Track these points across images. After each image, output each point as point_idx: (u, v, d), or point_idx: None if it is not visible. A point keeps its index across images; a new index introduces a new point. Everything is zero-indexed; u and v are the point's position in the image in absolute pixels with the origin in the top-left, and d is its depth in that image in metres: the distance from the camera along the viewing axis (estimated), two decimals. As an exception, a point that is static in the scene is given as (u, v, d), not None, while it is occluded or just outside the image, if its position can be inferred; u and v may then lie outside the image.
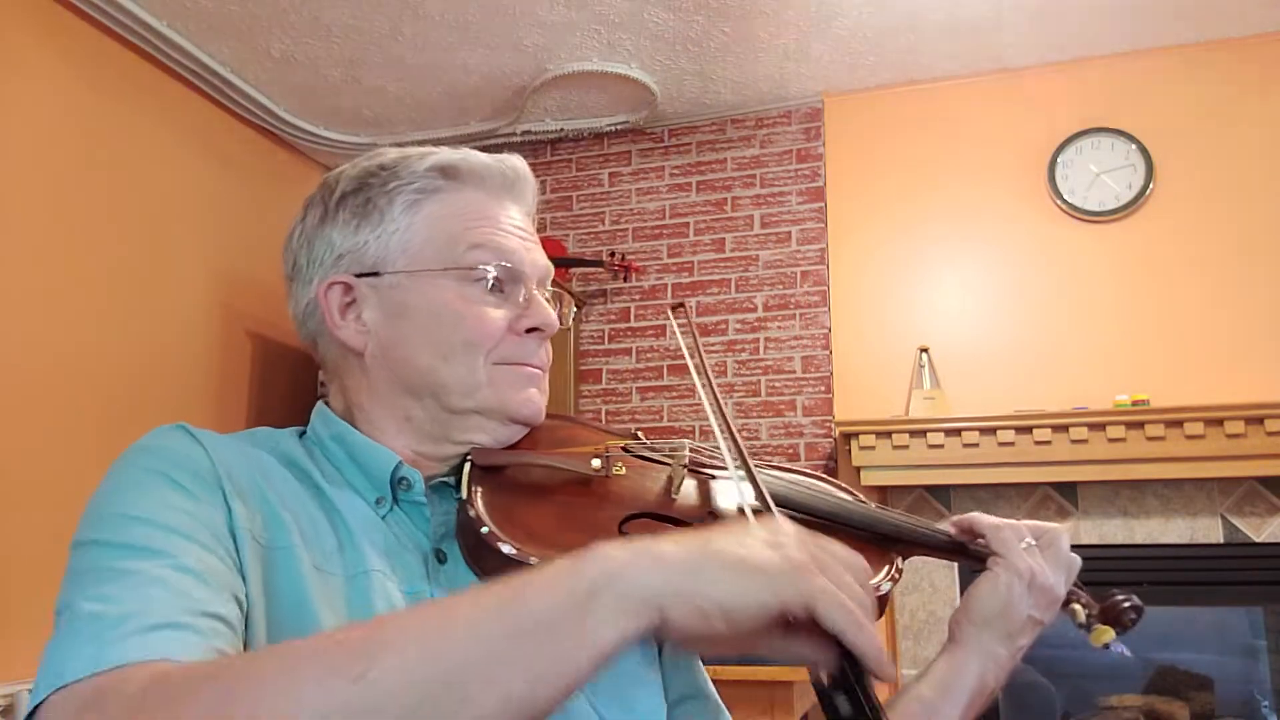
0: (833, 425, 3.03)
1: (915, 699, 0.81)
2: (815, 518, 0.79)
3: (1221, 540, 2.64)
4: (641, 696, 0.75)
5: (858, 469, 2.84)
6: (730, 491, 0.78)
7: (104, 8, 2.60)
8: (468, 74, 3.09)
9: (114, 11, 2.62)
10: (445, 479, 0.77)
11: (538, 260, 0.81)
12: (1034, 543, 0.83)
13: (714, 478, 0.81)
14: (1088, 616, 0.86)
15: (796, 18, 2.79)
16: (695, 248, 3.32)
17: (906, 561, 0.82)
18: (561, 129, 3.41)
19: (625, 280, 3.36)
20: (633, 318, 3.34)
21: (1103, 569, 2.71)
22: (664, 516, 0.75)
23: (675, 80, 3.14)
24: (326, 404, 0.82)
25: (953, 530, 0.86)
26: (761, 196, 3.29)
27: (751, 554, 0.51)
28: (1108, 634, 0.86)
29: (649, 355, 3.30)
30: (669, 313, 0.83)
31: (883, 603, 0.75)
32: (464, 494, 0.72)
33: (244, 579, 0.63)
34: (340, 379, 0.81)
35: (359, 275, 0.78)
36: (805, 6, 2.73)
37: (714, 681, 0.87)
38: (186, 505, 0.63)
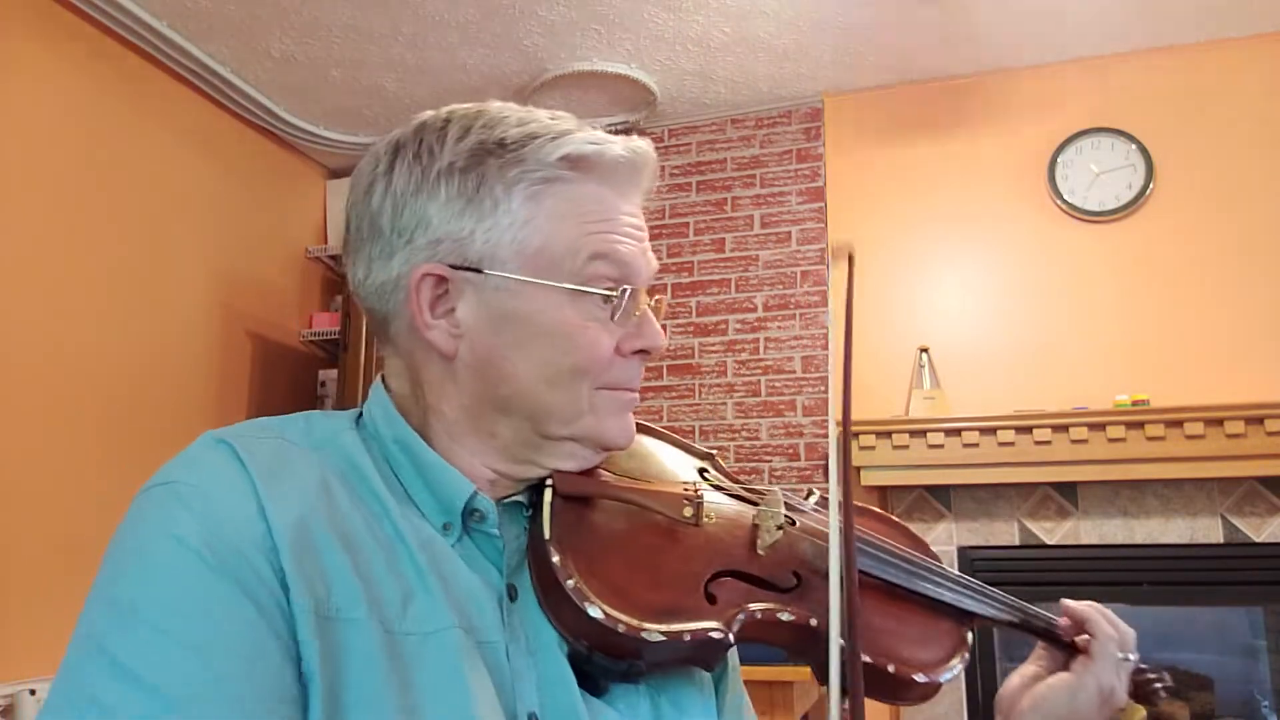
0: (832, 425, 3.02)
1: None
2: (901, 588, 0.77)
3: (1221, 540, 2.64)
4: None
5: (858, 469, 2.85)
6: (818, 551, 0.74)
7: (104, 8, 2.60)
8: (468, 74, 3.09)
9: (114, 11, 2.62)
10: (518, 498, 0.70)
11: (651, 264, 0.72)
12: (1131, 659, 0.80)
13: (795, 524, 0.77)
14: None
15: (796, 18, 2.79)
16: (695, 248, 3.32)
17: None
18: (561, 129, 3.41)
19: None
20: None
21: (1103, 569, 2.72)
22: (750, 576, 0.71)
23: (675, 80, 3.14)
24: (386, 386, 0.72)
25: (1061, 622, 0.83)
26: (761, 196, 3.29)
27: None
28: (1140, 712, 0.85)
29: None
30: (830, 259, 0.75)
31: (940, 687, 0.73)
32: (545, 532, 0.66)
33: (305, 682, 0.55)
34: (415, 372, 0.70)
35: (457, 267, 0.67)
36: (805, 6, 2.73)
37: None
38: (223, 609, 0.53)
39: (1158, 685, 0.85)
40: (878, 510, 0.89)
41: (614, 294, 0.68)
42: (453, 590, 0.62)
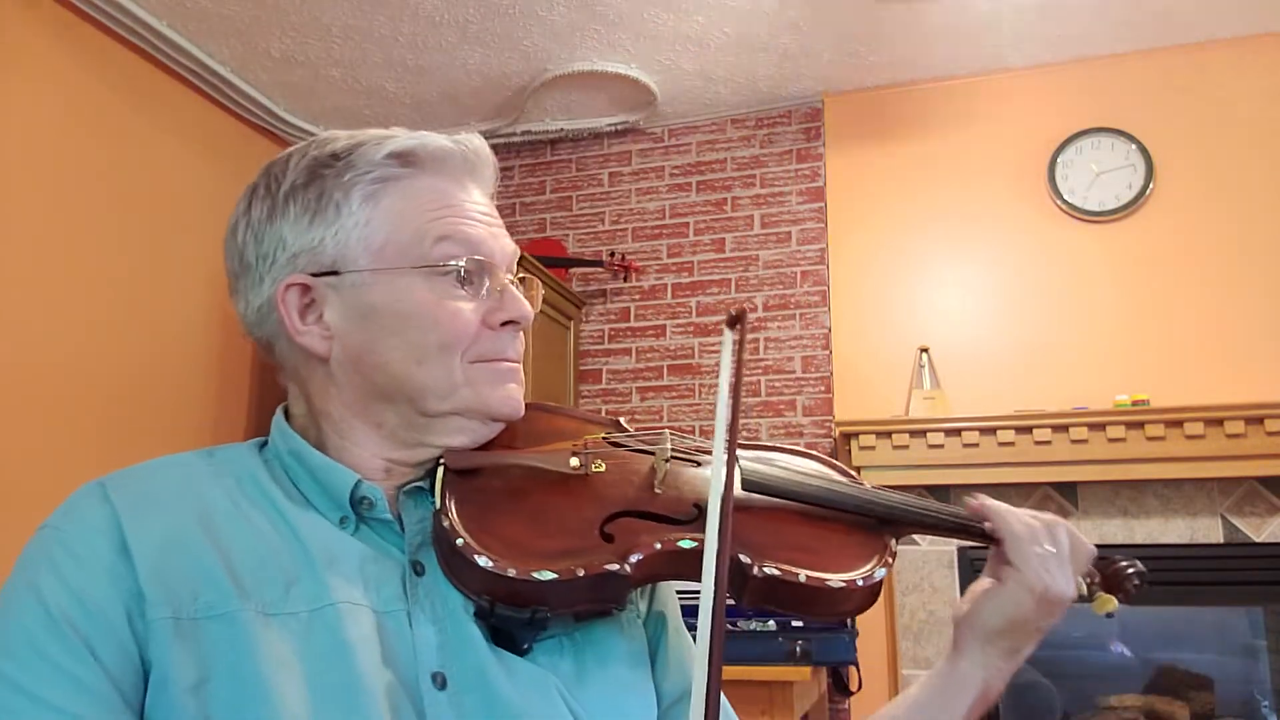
0: (833, 425, 3.03)
1: (916, 708, 0.79)
2: (803, 503, 0.77)
3: (1221, 540, 2.64)
4: (632, 702, 0.72)
5: (858, 469, 2.84)
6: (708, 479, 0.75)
7: (104, 8, 2.60)
8: (468, 74, 3.09)
9: (114, 11, 2.62)
10: (420, 483, 0.73)
11: (506, 246, 0.76)
12: (1051, 551, 0.77)
13: (699, 465, 0.78)
14: (1089, 586, 0.82)
15: (797, 18, 2.79)
16: (695, 248, 3.32)
17: (900, 545, 0.79)
18: (561, 129, 3.41)
19: (625, 280, 3.36)
20: (633, 318, 3.34)
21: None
22: (647, 514, 0.73)
23: (675, 80, 3.14)
24: (287, 412, 0.77)
25: (965, 512, 0.81)
26: (761, 196, 3.29)
27: None
28: (1110, 603, 0.82)
29: (649, 355, 3.30)
30: (725, 328, 0.78)
31: (876, 590, 0.73)
32: (437, 503, 0.69)
33: (143, 677, 0.61)
34: (303, 385, 0.75)
35: (317, 275, 0.72)
36: (805, 6, 2.73)
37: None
38: (53, 649, 0.59)
39: (1129, 571, 0.82)
40: (811, 452, 0.88)
41: (461, 265, 0.72)
42: (347, 573, 0.66)
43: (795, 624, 2.30)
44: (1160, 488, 2.70)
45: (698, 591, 0.67)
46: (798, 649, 2.19)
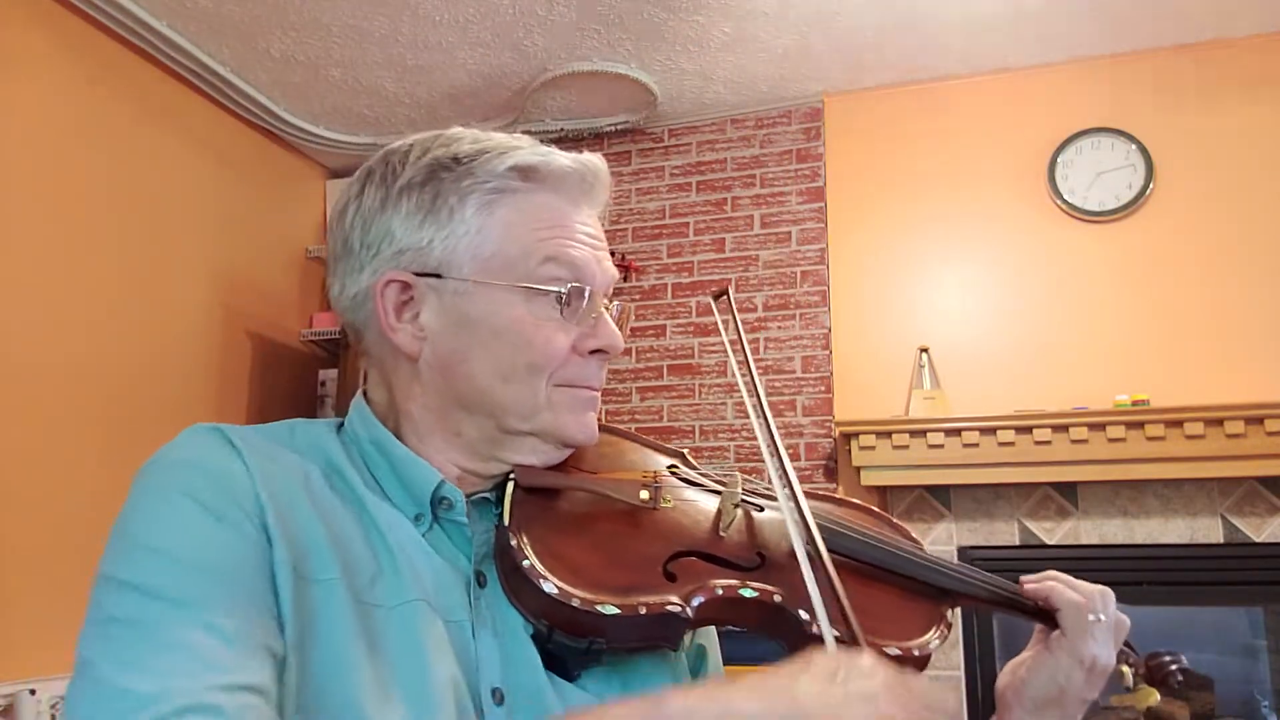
0: (833, 425, 3.03)
1: None
2: (868, 565, 0.77)
3: (1221, 540, 2.64)
4: None
5: (858, 469, 2.84)
6: (780, 530, 0.75)
7: (104, 8, 2.60)
8: (468, 74, 3.09)
9: (114, 11, 2.62)
10: (486, 494, 0.74)
11: (608, 270, 0.77)
12: (1102, 619, 0.78)
13: (763, 510, 0.78)
14: (1135, 675, 0.83)
15: (796, 18, 2.79)
16: (695, 248, 3.32)
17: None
18: (561, 129, 3.41)
19: (625, 280, 3.36)
20: (632, 317, 3.34)
21: (1103, 569, 2.71)
22: (711, 556, 0.72)
23: (675, 80, 3.14)
24: (366, 397, 0.78)
25: (1023, 593, 0.81)
26: (761, 196, 3.29)
27: (842, 711, 0.52)
28: (1153, 696, 0.84)
29: (649, 355, 3.30)
30: (712, 301, 0.79)
31: (927, 661, 0.73)
32: (505, 519, 0.69)
33: (281, 623, 0.60)
34: (386, 377, 0.76)
35: (419, 274, 0.72)
36: (805, 6, 2.73)
37: (714, 682, 0.86)
38: (220, 539, 0.60)
39: (1173, 667, 0.83)
40: (859, 503, 0.89)
41: (563, 290, 0.72)
42: (421, 573, 0.67)
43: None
44: (1160, 488, 2.70)
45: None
46: (798, 649, 2.19)
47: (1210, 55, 2.90)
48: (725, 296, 0.84)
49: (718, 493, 0.78)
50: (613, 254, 3.39)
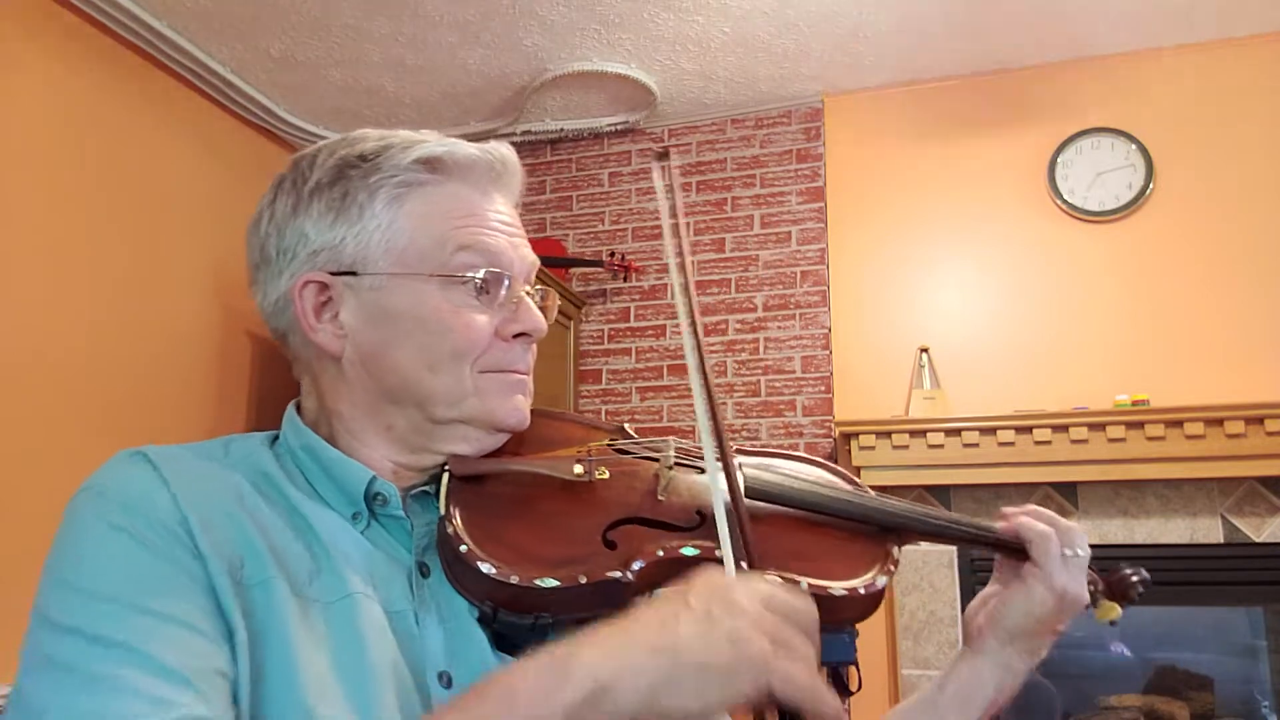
0: (833, 425, 3.03)
1: (933, 709, 0.79)
2: (804, 509, 0.77)
3: (1221, 540, 2.64)
4: None
5: (858, 469, 2.84)
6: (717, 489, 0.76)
7: (104, 8, 2.60)
8: (468, 74, 3.09)
9: (114, 11, 2.62)
10: (425, 488, 0.74)
11: (525, 256, 0.78)
12: (1077, 554, 0.78)
13: (702, 472, 0.78)
14: (1094, 594, 0.83)
15: (796, 18, 2.79)
16: (695, 248, 3.32)
17: (903, 551, 0.80)
18: (561, 129, 3.41)
19: (625, 280, 3.36)
20: (632, 318, 3.34)
21: (1103, 569, 2.71)
22: (650, 521, 0.73)
23: (675, 80, 3.14)
24: (298, 407, 0.79)
25: (983, 525, 0.82)
26: (761, 196, 3.29)
27: (713, 657, 0.54)
28: (1114, 610, 0.83)
29: (649, 355, 3.30)
30: (653, 162, 0.80)
31: (878, 598, 0.73)
32: (442, 509, 0.70)
33: (231, 634, 0.60)
34: (315, 381, 0.77)
35: (335, 274, 0.73)
36: (805, 6, 2.73)
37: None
38: (152, 570, 0.60)
39: (1133, 579, 0.82)
40: (816, 458, 0.88)
41: (479, 277, 0.73)
42: (358, 568, 0.67)
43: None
44: (1160, 488, 2.70)
45: None
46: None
47: (1210, 55, 2.90)
48: (667, 159, 0.85)
49: (654, 460, 0.79)
50: (612, 254, 3.36)
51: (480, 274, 0.73)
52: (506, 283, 0.75)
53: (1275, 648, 2.74)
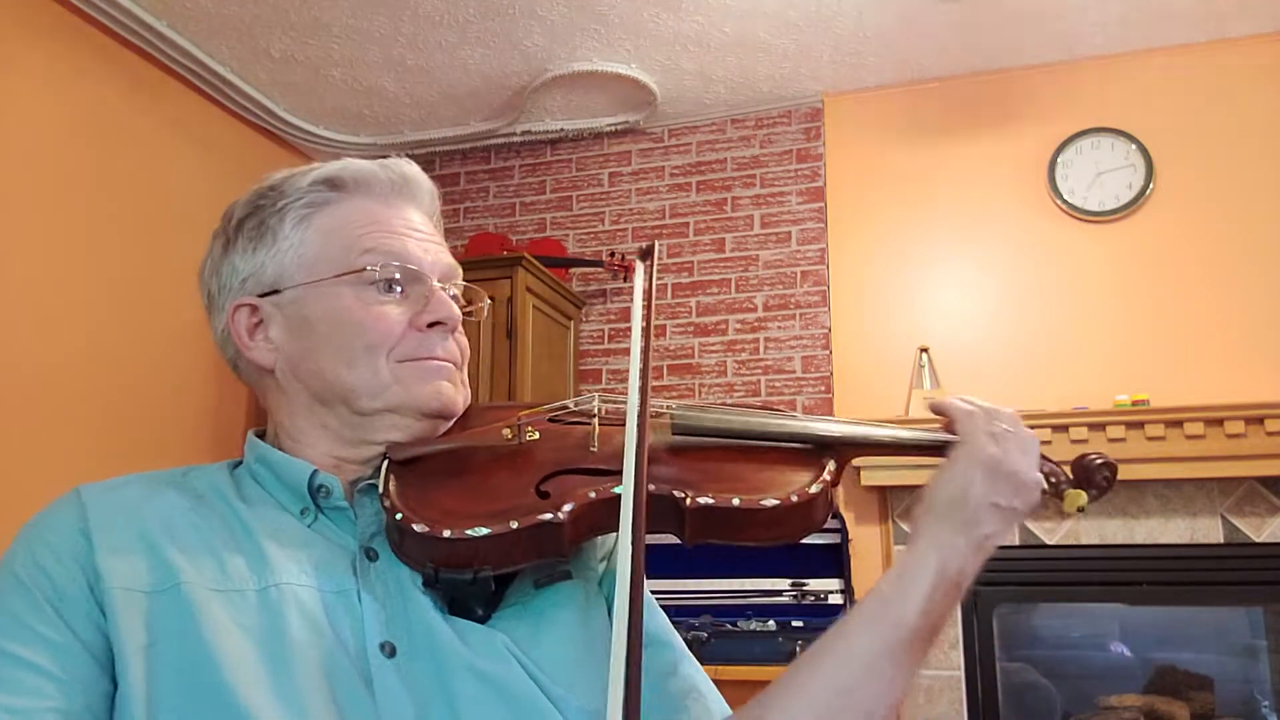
0: (833, 425, 3.02)
1: (875, 594, 0.77)
2: (734, 439, 0.79)
3: (1221, 540, 2.64)
4: (586, 655, 0.74)
5: (858, 469, 2.84)
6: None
7: (104, 8, 2.61)
8: (468, 74, 3.09)
9: (114, 11, 2.62)
10: (372, 480, 0.77)
11: (439, 259, 0.82)
12: (1008, 430, 0.77)
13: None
14: (1056, 485, 0.79)
15: (797, 18, 2.79)
16: (695, 248, 3.32)
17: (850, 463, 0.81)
18: (561, 129, 3.41)
19: (625, 280, 3.36)
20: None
21: (1103, 569, 2.72)
22: (582, 469, 0.75)
23: (675, 80, 3.14)
24: (257, 430, 0.85)
25: (899, 428, 0.82)
26: (761, 196, 3.29)
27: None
28: (1080, 498, 0.79)
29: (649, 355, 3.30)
30: (637, 260, 0.84)
31: (813, 506, 0.73)
32: (380, 488, 0.73)
33: (109, 644, 0.65)
34: (263, 399, 0.83)
35: (262, 295, 0.80)
36: (805, 6, 2.73)
37: (713, 681, 0.86)
38: (30, 617, 0.66)
39: (1098, 463, 0.79)
40: (758, 401, 0.89)
41: (378, 269, 0.78)
42: (297, 558, 0.71)
43: (795, 624, 2.29)
44: (1160, 488, 2.70)
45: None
46: (798, 648, 2.19)
47: (1210, 55, 2.90)
48: (651, 256, 0.88)
49: (584, 419, 0.81)
50: (612, 254, 3.35)
51: (383, 269, 0.78)
52: (414, 277, 0.79)
53: (1275, 648, 2.74)
